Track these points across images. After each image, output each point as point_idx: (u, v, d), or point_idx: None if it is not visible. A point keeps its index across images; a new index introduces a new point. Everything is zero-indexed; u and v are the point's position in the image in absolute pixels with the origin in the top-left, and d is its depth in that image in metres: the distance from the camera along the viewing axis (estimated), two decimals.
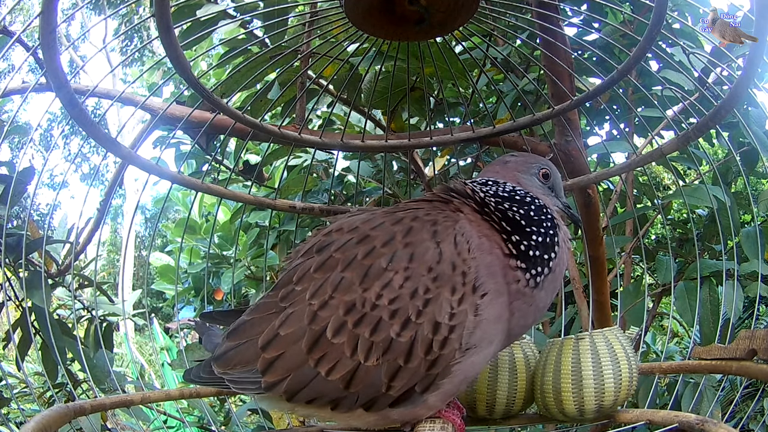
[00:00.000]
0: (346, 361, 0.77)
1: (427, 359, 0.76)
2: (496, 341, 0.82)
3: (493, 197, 0.86)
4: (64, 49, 1.14)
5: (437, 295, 0.76)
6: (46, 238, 1.81)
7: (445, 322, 0.76)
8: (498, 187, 0.88)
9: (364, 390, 0.77)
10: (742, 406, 2.51)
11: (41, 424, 0.83)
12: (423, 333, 0.76)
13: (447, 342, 0.76)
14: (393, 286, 0.77)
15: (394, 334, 0.76)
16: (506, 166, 0.96)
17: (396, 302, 0.76)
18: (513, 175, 0.94)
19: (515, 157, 0.97)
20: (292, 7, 1.60)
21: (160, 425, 2.21)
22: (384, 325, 0.76)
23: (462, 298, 0.76)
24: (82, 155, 12.18)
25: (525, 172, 0.94)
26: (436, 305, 0.76)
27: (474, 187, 0.88)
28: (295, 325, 0.80)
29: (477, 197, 0.86)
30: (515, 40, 1.98)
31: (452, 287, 0.76)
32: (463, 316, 0.76)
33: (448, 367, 0.77)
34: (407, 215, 0.84)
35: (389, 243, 0.80)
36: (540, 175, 0.94)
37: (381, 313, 0.76)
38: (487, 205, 0.85)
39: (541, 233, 0.83)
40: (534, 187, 0.93)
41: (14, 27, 5.07)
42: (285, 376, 0.80)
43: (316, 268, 0.82)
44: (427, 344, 0.76)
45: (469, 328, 0.77)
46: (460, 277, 0.77)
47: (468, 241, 0.79)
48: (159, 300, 8.60)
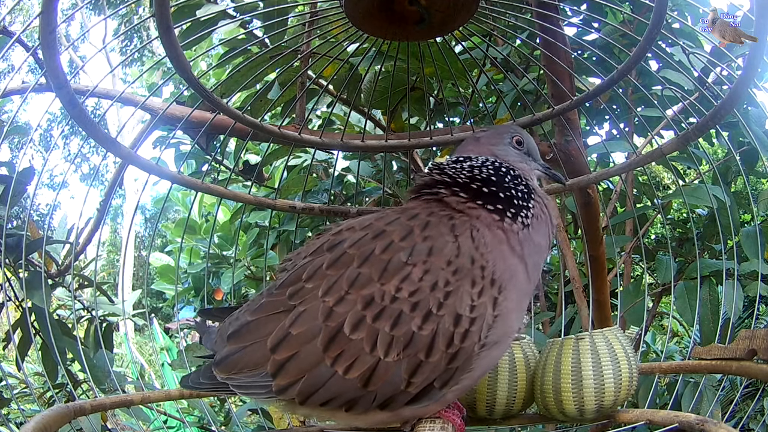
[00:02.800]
0: (365, 357, 0.75)
1: (448, 353, 0.75)
2: (513, 335, 0.83)
3: (463, 171, 0.88)
4: (63, 49, 1.13)
5: (457, 287, 0.76)
6: (46, 238, 1.81)
7: (466, 315, 0.76)
8: (470, 161, 0.90)
9: (382, 388, 0.76)
10: (742, 406, 2.51)
11: (41, 424, 0.83)
12: (444, 326, 0.75)
13: (468, 335, 0.76)
14: (413, 279, 0.76)
15: (415, 327, 0.75)
16: (479, 142, 0.96)
17: (416, 295, 0.75)
18: (487, 149, 0.94)
19: (485, 132, 0.98)
20: (292, 7, 1.60)
21: (160, 425, 2.21)
22: (405, 318, 0.75)
23: (482, 291, 0.77)
24: (82, 155, 12.18)
25: (498, 143, 0.95)
26: (456, 297, 0.76)
27: (445, 170, 0.89)
28: (308, 323, 0.77)
29: (459, 179, 0.88)
30: (515, 40, 1.98)
31: (472, 280, 0.77)
32: (483, 309, 0.77)
33: (468, 360, 0.77)
34: (422, 211, 0.84)
35: (407, 237, 0.79)
36: (513, 142, 0.95)
37: (402, 306, 0.75)
38: (466, 185, 0.87)
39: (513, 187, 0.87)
40: (510, 156, 0.94)
41: (14, 27, 5.07)
42: (299, 378, 0.77)
43: (329, 264, 0.80)
44: (448, 337, 0.75)
45: (489, 321, 0.77)
46: (479, 271, 0.77)
47: (484, 235, 0.80)
48: (159, 300, 8.61)
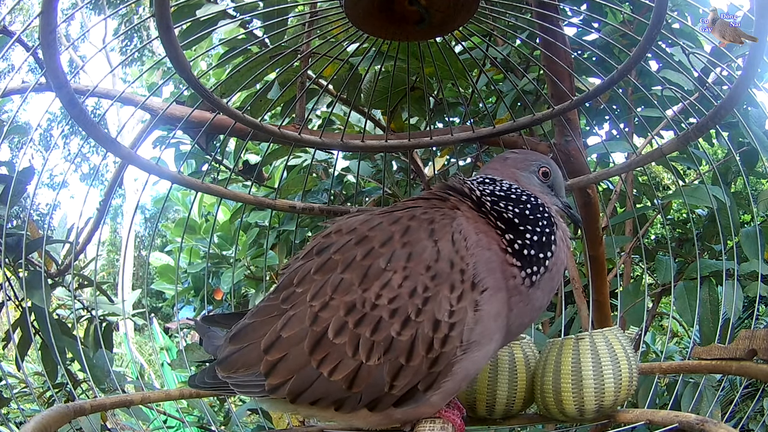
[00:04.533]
0: (348, 361, 0.77)
1: (429, 357, 0.76)
2: (496, 338, 0.82)
3: (489, 196, 0.86)
4: (64, 49, 1.14)
5: (436, 293, 0.76)
6: (46, 238, 1.81)
7: (444, 320, 0.76)
8: (495, 185, 0.88)
9: (367, 390, 0.78)
10: (742, 406, 2.52)
11: (41, 424, 0.83)
12: (423, 331, 0.76)
13: (448, 339, 0.76)
14: (392, 285, 0.77)
15: (394, 333, 0.76)
16: (505, 163, 0.95)
17: (395, 301, 0.77)
18: (511, 172, 0.93)
19: (515, 154, 0.96)
20: (292, 7, 1.60)
21: (160, 425, 2.21)
22: (384, 324, 0.76)
23: (461, 296, 0.77)
24: (81, 155, 12.17)
25: (524, 169, 0.93)
26: (435, 303, 0.76)
27: (471, 185, 0.88)
28: (296, 327, 0.80)
29: (474, 195, 0.86)
30: (515, 40, 1.98)
31: (451, 285, 0.77)
32: (463, 314, 0.77)
33: (450, 364, 0.77)
34: (404, 215, 0.84)
35: (387, 243, 0.80)
36: (539, 173, 0.93)
37: (381, 312, 0.77)
38: (484, 204, 0.85)
39: (536, 232, 0.83)
40: (532, 186, 0.92)
41: (14, 27, 5.06)
42: (288, 378, 0.80)
43: (316, 269, 0.82)
44: (428, 342, 0.76)
45: (470, 325, 0.77)
46: (459, 275, 0.77)
47: (465, 238, 0.80)
48: (159, 300, 8.60)
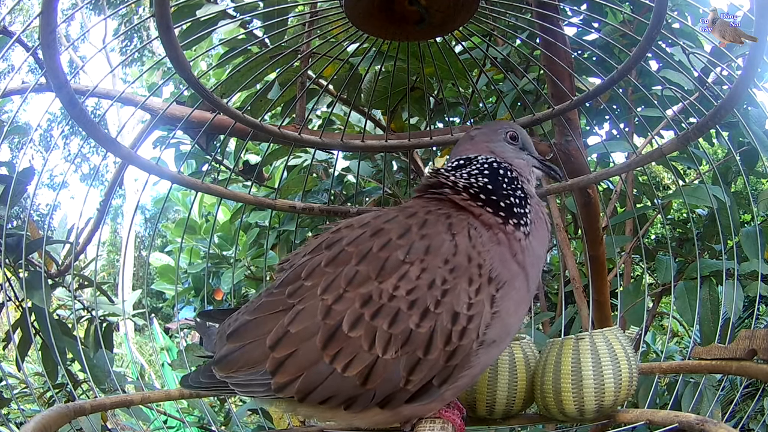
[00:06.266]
0: (363, 355, 0.75)
1: (446, 350, 0.75)
2: (512, 333, 0.83)
3: (469, 178, 0.89)
4: (64, 49, 1.14)
5: (455, 285, 0.76)
6: (46, 238, 1.81)
7: (463, 312, 0.76)
8: (473, 164, 0.91)
9: (381, 385, 0.76)
10: (742, 406, 2.51)
11: (41, 424, 0.83)
12: (442, 323, 0.75)
13: (465, 332, 0.76)
14: (410, 277, 0.76)
15: (413, 325, 0.75)
16: (474, 141, 0.97)
17: (414, 293, 0.76)
18: (484, 146, 0.95)
19: (479, 130, 0.99)
20: (292, 7, 1.60)
21: (160, 425, 2.21)
22: (403, 316, 0.75)
23: (479, 289, 0.77)
24: (82, 155, 12.18)
25: (494, 140, 0.96)
26: (454, 295, 0.76)
27: (455, 179, 0.90)
28: (307, 321, 0.78)
29: (458, 187, 0.88)
30: (515, 40, 1.98)
31: (469, 278, 0.77)
32: (481, 307, 0.77)
33: (466, 357, 0.77)
34: (420, 210, 0.84)
35: (405, 235, 0.80)
36: (508, 138, 0.96)
37: (399, 304, 0.75)
38: (466, 189, 0.87)
39: (513, 195, 0.89)
40: (506, 152, 0.95)
41: (14, 27, 5.07)
42: (297, 375, 0.77)
43: (328, 262, 0.81)
44: (446, 335, 0.75)
45: (487, 319, 0.77)
46: (477, 269, 0.78)
47: (481, 234, 0.81)
48: (159, 300, 8.60)
